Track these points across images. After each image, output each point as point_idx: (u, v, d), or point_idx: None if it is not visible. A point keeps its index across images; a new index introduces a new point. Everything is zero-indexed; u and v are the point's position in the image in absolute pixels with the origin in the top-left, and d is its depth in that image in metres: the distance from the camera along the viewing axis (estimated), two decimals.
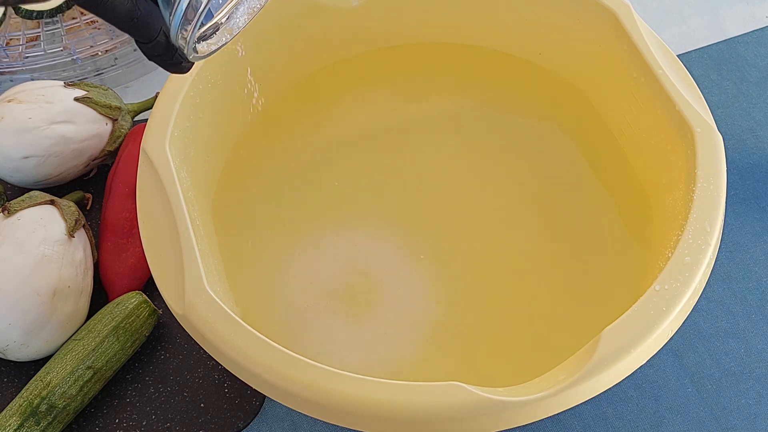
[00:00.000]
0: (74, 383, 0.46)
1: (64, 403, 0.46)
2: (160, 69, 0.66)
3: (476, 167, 0.52)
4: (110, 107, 0.55)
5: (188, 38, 0.31)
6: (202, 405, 0.48)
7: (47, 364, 0.47)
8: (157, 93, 0.53)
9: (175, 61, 0.33)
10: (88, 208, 0.56)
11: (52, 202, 0.50)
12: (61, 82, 0.55)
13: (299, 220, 0.50)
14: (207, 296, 0.38)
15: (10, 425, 0.45)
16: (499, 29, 0.53)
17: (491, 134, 0.53)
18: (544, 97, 0.53)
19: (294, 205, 0.51)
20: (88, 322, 0.49)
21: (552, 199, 0.50)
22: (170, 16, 0.30)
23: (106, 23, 0.60)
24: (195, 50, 0.32)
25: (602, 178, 0.50)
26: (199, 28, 0.31)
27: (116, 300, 0.49)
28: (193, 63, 0.34)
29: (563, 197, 0.50)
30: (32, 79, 0.60)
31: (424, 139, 0.53)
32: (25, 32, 0.61)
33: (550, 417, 0.36)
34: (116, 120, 0.55)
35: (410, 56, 0.55)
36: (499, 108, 0.54)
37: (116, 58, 0.62)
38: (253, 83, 0.51)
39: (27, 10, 0.60)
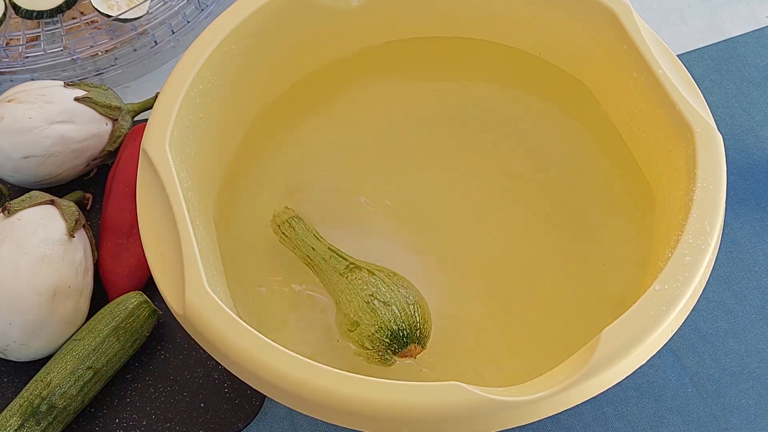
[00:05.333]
0: (74, 383, 0.46)
1: (65, 403, 0.46)
2: (160, 69, 0.66)
3: (481, 164, 0.52)
4: (110, 107, 0.55)
5: None
6: (202, 405, 0.48)
7: (47, 364, 0.47)
8: (157, 93, 0.53)
9: None
10: (88, 208, 0.56)
11: (52, 202, 0.50)
12: (61, 82, 0.55)
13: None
14: (207, 296, 0.38)
15: (10, 425, 0.45)
16: (499, 29, 0.53)
17: (496, 130, 0.53)
18: (549, 92, 0.53)
19: (294, 204, 0.51)
20: (88, 322, 0.49)
21: (553, 197, 0.50)
22: None
23: (106, 23, 0.60)
24: None
25: (602, 178, 0.50)
26: None
27: (116, 300, 0.49)
28: None
29: (564, 195, 0.50)
30: (32, 79, 0.60)
31: (427, 134, 0.53)
32: (25, 32, 0.61)
33: (550, 417, 0.36)
34: (116, 120, 0.55)
35: (410, 53, 0.55)
36: (503, 102, 0.54)
37: (116, 58, 0.62)
38: (252, 83, 0.51)
39: (27, 10, 0.60)
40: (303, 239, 0.46)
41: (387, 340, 0.41)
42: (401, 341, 0.41)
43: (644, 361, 0.36)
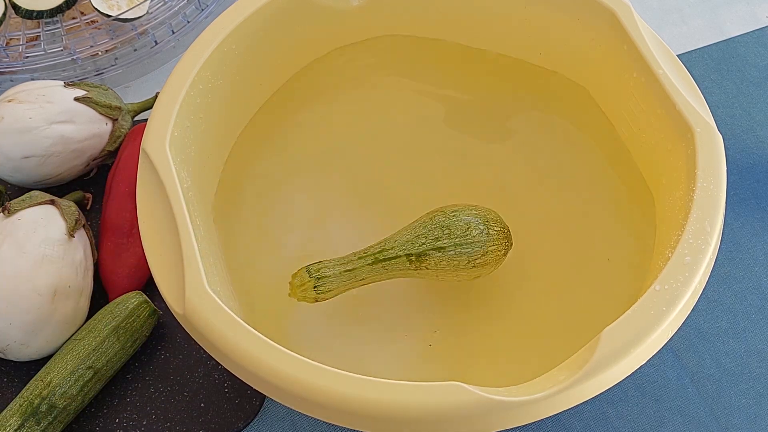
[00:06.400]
0: (75, 383, 0.46)
1: (65, 402, 0.46)
2: (161, 69, 0.66)
3: (477, 166, 0.52)
4: (110, 107, 0.55)
5: None
6: (202, 405, 0.48)
7: (47, 364, 0.47)
8: (157, 93, 0.53)
9: None
10: (88, 208, 0.56)
11: (52, 202, 0.50)
12: (61, 82, 0.55)
13: (300, 219, 0.50)
14: (207, 296, 0.38)
15: (10, 425, 0.45)
16: (499, 29, 0.53)
17: (492, 132, 0.53)
18: (544, 96, 0.53)
19: (295, 203, 0.51)
20: (88, 322, 0.49)
21: (552, 199, 0.50)
22: None
23: (106, 23, 0.60)
24: None
25: (602, 178, 0.50)
26: None
27: (116, 300, 0.49)
28: None
29: (563, 197, 0.50)
30: (32, 79, 0.59)
31: (424, 137, 0.53)
32: (25, 32, 0.61)
33: (550, 417, 0.36)
34: (116, 120, 0.55)
35: (410, 55, 0.55)
36: (499, 106, 0.54)
37: (116, 58, 0.62)
38: (253, 83, 0.51)
39: (27, 10, 0.60)
40: (347, 274, 0.44)
41: (499, 228, 0.45)
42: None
43: (644, 361, 0.36)
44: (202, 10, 0.64)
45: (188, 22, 0.63)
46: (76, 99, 0.53)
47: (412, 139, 0.53)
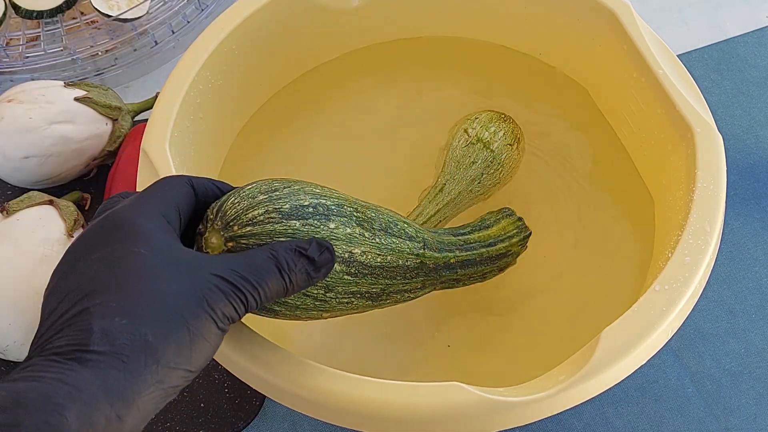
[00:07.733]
0: None
1: None
2: (160, 69, 0.66)
3: None
4: (110, 107, 0.55)
5: None
6: (202, 405, 0.48)
7: None
8: (157, 93, 0.53)
9: None
10: (86, 208, 0.56)
11: (50, 203, 0.50)
12: (61, 82, 0.55)
13: None
14: None
15: None
16: (499, 30, 0.53)
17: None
18: (547, 93, 0.53)
19: None
20: None
21: (551, 199, 0.50)
22: None
23: (106, 23, 0.60)
24: None
25: (602, 178, 0.50)
26: None
27: None
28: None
29: (563, 197, 0.50)
30: (32, 79, 0.59)
31: (427, 133, 0.53)
32: (25, 32, 0.61)
33: (550, 417, 0.36)
34: (116, 120, 0.55)
35: (410, 52, 0.55)
36: (500, 103, 0.54)
37: (116, 58, 0.62)
38: (252, 83, 0.51)
39: (27, 10, 0.60)
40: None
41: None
42: None
43: (644, 361, 0.36)
44: (202, 10, 0.64)
45: (188, 22, 0.63)
46: (76, 99, 0.53)
47: (416, 136, 0.53)
